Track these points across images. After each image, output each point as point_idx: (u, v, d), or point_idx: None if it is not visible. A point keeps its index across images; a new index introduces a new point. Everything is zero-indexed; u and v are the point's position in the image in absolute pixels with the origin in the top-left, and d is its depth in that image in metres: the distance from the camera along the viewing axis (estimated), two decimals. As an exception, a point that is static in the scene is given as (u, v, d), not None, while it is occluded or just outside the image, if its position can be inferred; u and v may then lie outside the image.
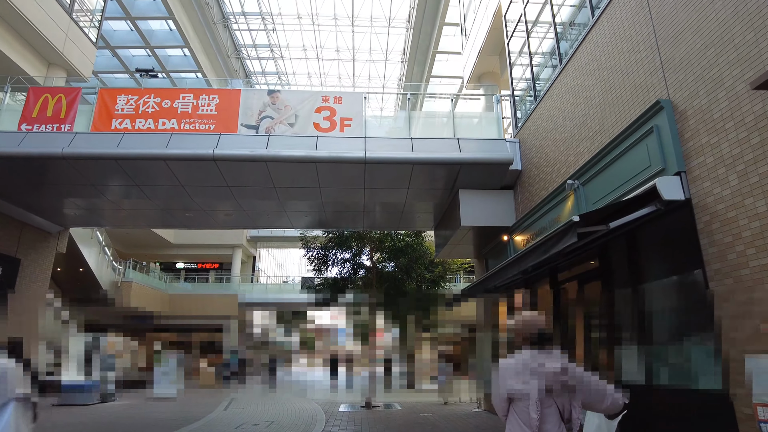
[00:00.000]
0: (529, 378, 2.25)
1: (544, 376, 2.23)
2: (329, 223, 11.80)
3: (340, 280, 13.64)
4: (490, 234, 9.92)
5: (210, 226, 11.89)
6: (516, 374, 2.30)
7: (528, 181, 8.65)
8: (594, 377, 2.33)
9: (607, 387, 2.34)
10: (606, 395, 2.31)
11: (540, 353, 2.32)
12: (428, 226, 12.09)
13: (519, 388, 2.26)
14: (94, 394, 12.97)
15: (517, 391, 2.26)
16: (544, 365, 2.25)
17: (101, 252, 23.17)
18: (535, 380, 2.23)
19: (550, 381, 2.22)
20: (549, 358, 2.29)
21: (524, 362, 2.31)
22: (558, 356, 2.31)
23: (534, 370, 2.26)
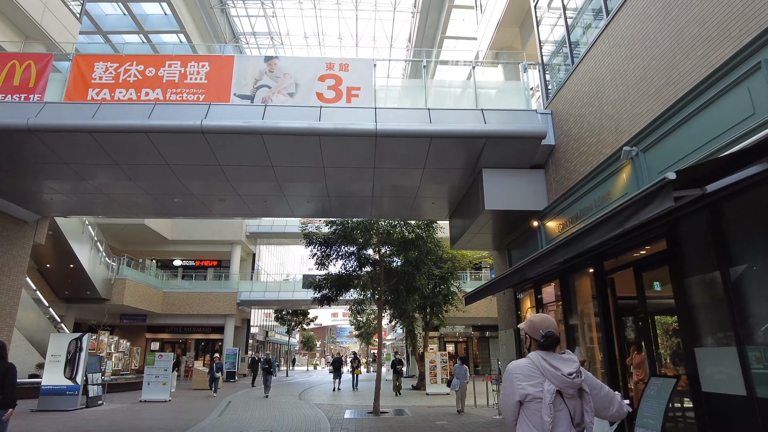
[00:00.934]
0: (542, 380, 2.18)
1: (558, 379, 2.16)
2: (334, 211, 10.70)
3: (344, 277, 12.53)
4: (515, 221, 8.82)
5: (202, 214, 10.80)
6: (528, 377, 2.22)
7: (564, 158, 7.54)
8: (600, 383, 2.32)
9: (614, 395, 2.33)
10: (613, 401, 2.29)
11: (552, 355, 2.25)
12: (442, 215, 10.99)
13: (532, 390, 2.18)
14: (77, 399, 11.88)
15: (529, 394, 2.18)
16: (558, 368, 2.19)
17: (93, 248, 22.10)
18: (548, 383, 2.17)
19: (564, 384, 2.17)
20: (562, 361, 2.22)
21: (536, 364, 2.24)
22: (571, 359, 2.25)
23: (547, 372, 2.19)
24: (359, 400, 15.24)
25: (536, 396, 2.15)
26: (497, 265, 11.07)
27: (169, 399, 14.50)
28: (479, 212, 8.31)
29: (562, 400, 2.16)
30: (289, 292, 28.76)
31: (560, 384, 2.16)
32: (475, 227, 9.22)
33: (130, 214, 11.02)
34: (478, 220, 8.70)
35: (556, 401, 2.15)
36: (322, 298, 12.63)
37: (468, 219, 9.41)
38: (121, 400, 14.83)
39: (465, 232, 9.78)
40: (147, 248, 29.96)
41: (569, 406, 2.17)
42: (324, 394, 17.39)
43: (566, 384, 2.16)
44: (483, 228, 9.38)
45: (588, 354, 7.18)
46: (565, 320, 7.55)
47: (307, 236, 12.22)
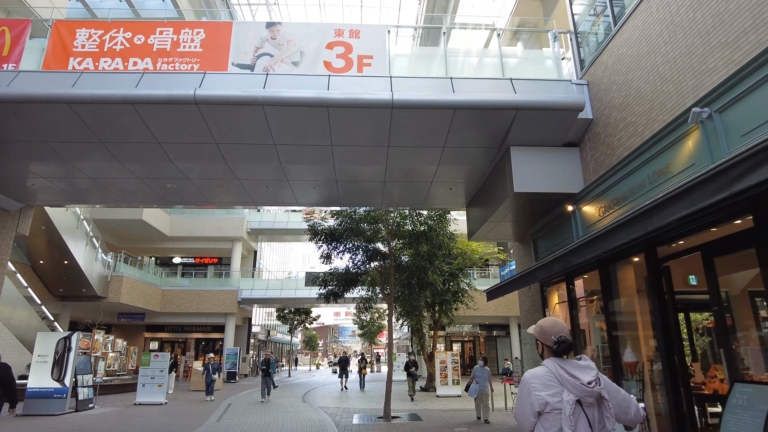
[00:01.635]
0: (560, 390, 2.08)
1: (578, 389, 2.06)
2: (341, 199, 9.84)
3: (351, 272, 11.66)
4: (544, 207, 7.94)
5: (199, 202, 9.94)
6: (546, 386, 2.11)
7: (604, 132, 6.67)
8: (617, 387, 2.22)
9: (631, 398, 2.24)
10: (630, 405, 2.21)
11: (569, 363, 2.15)
12: (458, 203, 10.12)
13: (551, 401, 2.07)
14: (65, 402, 11.04)
15: (548, 404, 2.07)
16: (577, 377, 2.07)
17: (89, 244, 21.30)
18: (568, 393, 2.07)
19: (584, 393, 2.06)
20: (580, 369, 2.11)
21: (554, 373, 2.12)
22: (589, 365, 2.14)
23: (565, 381, 2.08)
24: (367, 402, 14.40)
25: (555, 407, 2.08)
26: (519, 257, 10.20)
27: (165, 402, 13.67)
28: (506, 196, 7.44)
29: (581, 409, 2.08)
30: (291, 290, 27.91)
31: (580, 393, 2.08)
32: (498, 215, 8.36)
33: (121, 203, 10.18)
34: (503, 206, 7.83)
35: (575, 411, 2.07)
36: (328, 293, 11.77)
37: (490, 206, 8.54)
38: (114, 402, 14.01)
39: (486, 221, 8.92)
40: (145, 245, 29.15)
41: (588, 415, 2.09)
42: (329, 396, 16.54)
43: (586, 393, 2.07)
44: (506, 216, 8.51)
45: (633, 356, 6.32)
46: (607, 318, 6.67)
47: (312, 228, 11.36)
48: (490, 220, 8.66)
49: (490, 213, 8.55)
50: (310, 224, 11.41)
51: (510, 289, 8.59)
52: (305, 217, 11.70)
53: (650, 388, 5.73)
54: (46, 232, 18.63)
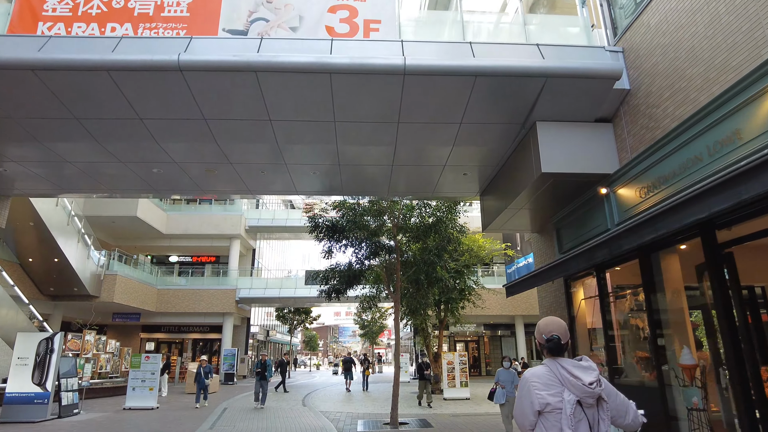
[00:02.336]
0: (561, 390, 2.08)
1: (579, 389, 2.05)
2: (344, 187, 9.03)
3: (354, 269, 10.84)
4: (569, 191, 7.13)
5: (189, 189, 9.11)
6: (547, 385, 2.10)
7: (645, 103, 5.86)
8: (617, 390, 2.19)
9: (630, 403, 2.20)
10: (629, 410, 2.18)
11: (571, 363, 2.13)
12: (471, 191, 9.31)
13: (552, 400, 2.06)
14: (47, 408, 10.23)
15: (549, 404, 2.06)
16: (578, 377, 2.07)
17: (80, 241, 20.49)
18: (569, 393, 2.06)
19: (585, 394, 2.05)
20: (581, 369, 2.11)
21: (555, 373, 2.12)
22: (590, 366, 2.13)
23: (566, 381, 2.08)
24: (372, 405, 13.59)
25: (556, 407, 2.05)
26: (538, 250, 9.39)
27: (157, 406, 12.85)
28: (530, 180, 6.64)
29: (581, 410, 2.06)
30: (291, 289, 27.12)
31: (581, 394, 2.05)
32: (518, 202, 7.55)
33: (107, 192, 9.37)
34: (525, 191, 7.02)
35: (576, 411, 2.05)
36: (330, 291, 10.94)
37: (509, 193, 7.74)
38: (103, 407, 13.20)
39: (503, 210, 8.12)
40: (141, 243, 28.33)
41: (588, 416, 2.07)
42: (330, 399, 15.73)
43: (587, 394, 2.05)
44: (527, 204, 7.72)
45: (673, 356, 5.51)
46: (650, 314, 5.86)
47: (313, 221, 10.53)
48: (510, 207, 7.85)
49: (510, 200, 7.75)
50: (311, 216, 10.60)
51: (532, 283, 7.79)
52: (306, 208, 10.84)
53: (714, 395, 4.93)
54: (35, 228, 17.83)
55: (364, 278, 11.24)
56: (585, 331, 7.85)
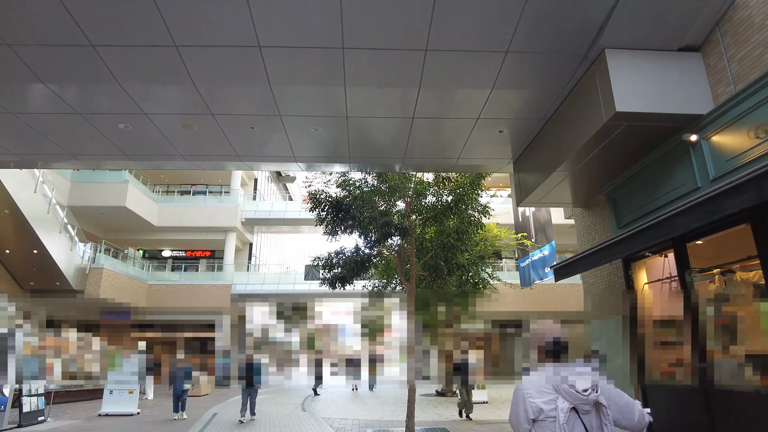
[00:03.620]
0: (555, 397, 2.03)
1: (572, 396, 2.01)
2: (352, 152, 7.52)
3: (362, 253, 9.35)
4: (638, 144, 5.64)
5: (166, 154, 7.51)
6: (540, 392, 2.06)
7: (761, 12, 4.38)
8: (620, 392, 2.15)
9: (635, 403, 2.15)
10: (634, 411, 2.11)
11: (566, 368, 2.10)
12: (503, 157, 7.78)
13: (545, 408, 2.02)
14: (4, 416, 8.75)
15: (542, 411, 2.01)
16: (572, 383, 2.02)
17: (63, 232, 19.01)
18: (562, 400, 2.02)
19: (579, 401, 2.01)
20: (576, 375, 2.06)
21: (550, 379, 2.08)
22: (586, 371, 2.08)
23: (560, 387, 2.04)
24: (380, 409, 12.13)
25: (549, 414, 2.00)
26: (584, 228, 7.89)
27: (137, 411, 11.38)
28: (594, 126, 5.15)
29: (577, 416, 2.00)
30: (289, 285, 25.66)
31: (575, 401, 2.01)
32: (571, 163, 6.06)
33: (67, 157, 7.84)
34: (584, 145, 5.53)
35: (570, 418, 1.99)
36: (334, 279, 9.45)
37: (557, 154, 6.26)
38: (76, 412, 11.73)
39: (548, 178, 6.63)
40: (132, 236, 26.85)
41: (585, 422, 2.01)
42: (333, 402, 14.27)
43: (581, 401, 2.01)
44: (576, 169, 6.24)
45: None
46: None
47: (313, 197, 9.04)
48: (558, 171, 6.36)
49: (556, 164, 6.27)
50: (311, 192, 9.09)
51: (587, 264, 6.30)
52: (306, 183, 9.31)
53: None
54: (12, 217, 16.37)
55: (372, 265, 9.76)
56: (649, 323, 6.36)
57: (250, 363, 10.46)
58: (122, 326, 25.25)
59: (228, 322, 25.55)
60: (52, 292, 19.92)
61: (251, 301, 26.13)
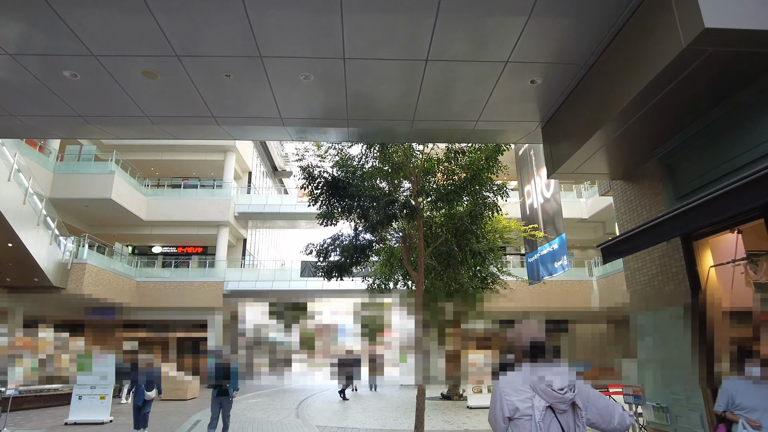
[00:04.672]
0: (531, 395, 2.04)
1: (548, 395, 2.02)
2: (350, 110, 6.28)
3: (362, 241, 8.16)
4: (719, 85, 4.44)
5: (125, 116, 6.24)
6: (517, 391, 2.08)
7: None
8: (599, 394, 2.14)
9: (615, 405, 2.13)
10: (614, 414, 2.08)
11: (543, 368, 2.12)
12: (531, 118, 6.55)
13: (521, 406, 2.03)
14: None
15: (518, 409, 2.03)
16: (549, 383, 2.04)
17: (41, 224, 17.74)
18: (539, 398, 2.03)
19: (555, 399, 2.01)
20: (553, 374, 2.07)
21: (526, 378, 2.10)
22: (563, 371, 2.09)
23: (537, 386, 2.05)
24: (382, 414, 10.92)
25: (525, 413, 2.00)
26: (626, 203, 6.68)
27: (110, 419, 10.15)
28: (672, 53, 3.94)
29: (553, 415, 2.00)
30: (285, 281, 24.45)
31: (551, 400, 2.01)
32: (618, 121, 4.87)
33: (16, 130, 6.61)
34: (643, 90, 4.33)
35: (546, 417, 1.98)
36: (330, 268, 8.23)
37: (604, 107, 5.05)
38: (42, 420, 10.49)
39: (586, 142, 5.44)
40: (120, 231, 25.59)
41: (562, 422, 2.00)
42: (331, 407, 13.04)
43: (557, 399, 2.00)
44: (625, 129, 5.05)
45: None
46: None
47: (306, 172, 7.83)
48: (600, 132, 5.15)
49: (600, 123, 5.07)
50: (303, 167, 7.87)
51: (640, 243, 5.08)
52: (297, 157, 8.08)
53: None
54: (-19, 206, 15.12)
55: (374, 253, 8.55)
56: (718, 315, 5.16)
57: (226, 366, 8.33)
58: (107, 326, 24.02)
59: (220, 321, 24.33)
60: (30, 289, 18.66)
61: (244, 298, 24.90)
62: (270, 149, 34.64)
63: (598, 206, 25.06)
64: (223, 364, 8.25)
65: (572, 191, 27.06)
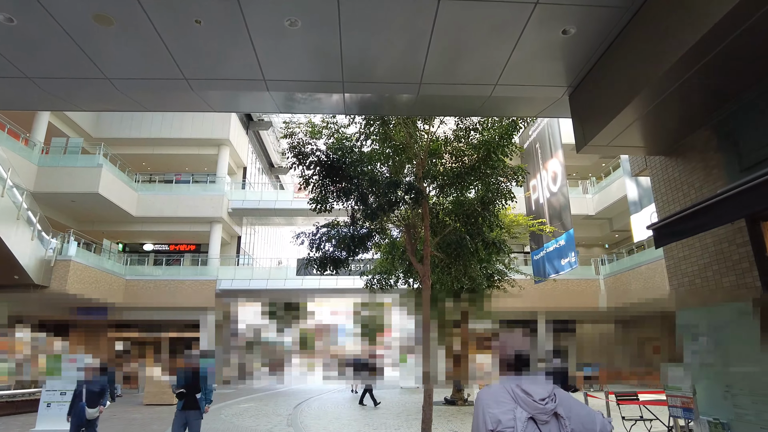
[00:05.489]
0: (513, 407, 1.99)
1: (530, 405, 1.99)
2: (347, 76, 5.37)
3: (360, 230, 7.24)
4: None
5: (78, 72, 5.30)
6: (498, 402, 2.03)
7: None
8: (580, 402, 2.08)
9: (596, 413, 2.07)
10: (596, 422, 2.04)
11: (524, 379, 2.09)
12: (558, 81, 5.60)
13: (503, 418, 1.97)
14: None
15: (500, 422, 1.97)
16: (529, 393, 2.01)
17: (21, 218, 16.77)
18: (520, 410, 1.99)
19: (537, 410, 1.97)
20: (534, 384, 2.06)
21: (507, 389, 2.06)
22: (543, 381, 2.08)
23: (518, 397, 2.02)
24: (382, 420, 9.99)
25: (507, 425, 1.96)
26: (669, 181, 5.74)
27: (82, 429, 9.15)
28: None
29: (535, 426, 1.96)
30: (280, 280, 23.51)
31: (532, 411, 1.97)
32: (666, 80, 3.95)
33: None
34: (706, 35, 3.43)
35: (529, 428, 1.96)
36: (324, 261, 7.28)
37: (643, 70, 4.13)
38: (9, 427, 9.53)
39: (624, 109, 4.53)
40: (110, 228, 24.63)
41: None
42: (326, 412, 12.10)
43: (539, 410, 1.97)
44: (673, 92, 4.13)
45: None
46: None
47: (296, 150, 6.88)
48: (646, 92, 4.23)
49: (642, 84, 4.17)
50: (293, 145, 6.91)
51: (697, 224, 4.15)
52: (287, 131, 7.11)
53: None
54: (-44, 198, 14.20)
55: (374, 245, 7.62)
56: None
57: (194, 370, 6.25)
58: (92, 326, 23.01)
59: (213, 321, 23.36)
60: (9, 288, 17.67)
61: (237, 297, 23.91)
62: (266, 144, 33.69)
63: (605, 202, 24.16)
64: (191, 367, 6.25)
65: (578, 187, 26.16)
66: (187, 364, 6.36)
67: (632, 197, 15.15)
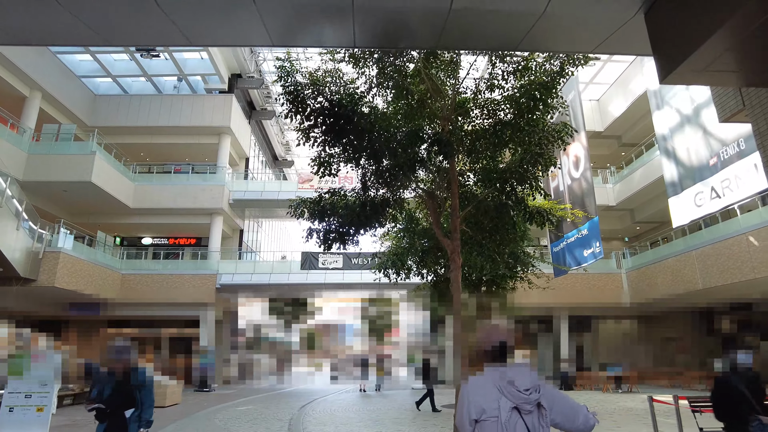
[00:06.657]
0: (498, 397, 2.02)
1: (514, 395, 2.02)
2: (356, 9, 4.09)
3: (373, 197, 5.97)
4: None
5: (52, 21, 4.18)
6: (483, 393, 2.07)
7: None
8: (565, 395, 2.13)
9: (580, 406, 2.14)
10: (578, 413, 2.10)
11: (509, 369, 2.11)
12: (625, 7, 4.32)
13: (487, 407, 2.02)
14: None
15: (485, 411, 2.01)
16: (513, 383, 2.04)
17: (5, 205, 15.63)
18: (505, 399, 2.02)
19: (521, 400, 2.01)
20: (519, 375, 2.08)
21: (492, 379, 2.09)
22: (527, 372, 2.10)
23: (503, 387, 2.04)
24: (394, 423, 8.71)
25: (491, 414, 2.00)
26: None
27: (52, 435, 7.94)
28: None
29: (519, 416, 1.99)
30: (284, 275, 22.29)
31: (516, 400, 2.01)
32: None
33: None
34: None
35: (512, 418, 1.99)
36: (328, 236, 6.00)
37: None
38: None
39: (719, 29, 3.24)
40: (105, 220, 23.52)
41: (527, 423, 2.00)
42: (332, 416, 10.84)
43: (523, 400, 2.00)
44: None
45: None
46: None
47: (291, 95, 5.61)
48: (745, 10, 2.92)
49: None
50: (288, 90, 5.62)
51: None
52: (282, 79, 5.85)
53: None
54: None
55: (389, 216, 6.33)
56: None
57: (126, 370, 4.23)
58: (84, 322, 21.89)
59: (213, 318, 22.17)
60: (-3, 281, 16.55)
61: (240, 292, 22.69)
62: (269, 135, 32.52)
63: (627, 192, 22.76)
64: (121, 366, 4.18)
65: (597, 176, 24.73)
66: (113, 363, 4.15)
67: (670, 178, 13.74)
